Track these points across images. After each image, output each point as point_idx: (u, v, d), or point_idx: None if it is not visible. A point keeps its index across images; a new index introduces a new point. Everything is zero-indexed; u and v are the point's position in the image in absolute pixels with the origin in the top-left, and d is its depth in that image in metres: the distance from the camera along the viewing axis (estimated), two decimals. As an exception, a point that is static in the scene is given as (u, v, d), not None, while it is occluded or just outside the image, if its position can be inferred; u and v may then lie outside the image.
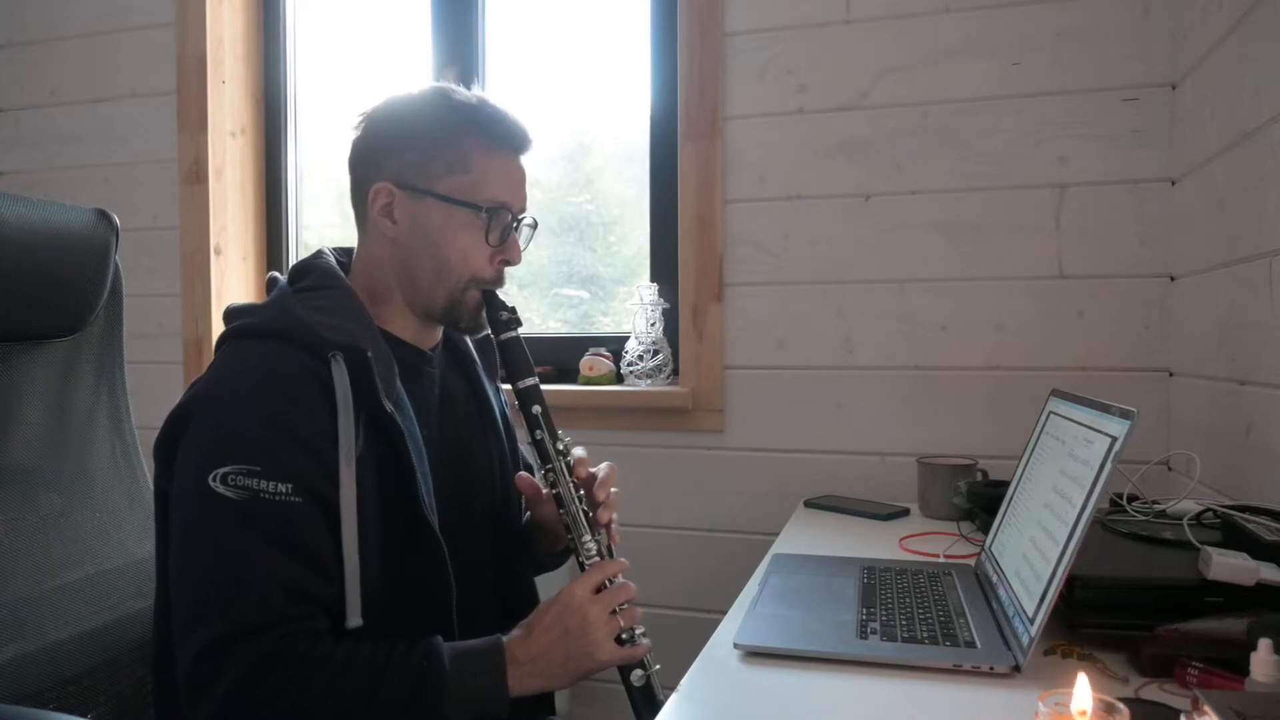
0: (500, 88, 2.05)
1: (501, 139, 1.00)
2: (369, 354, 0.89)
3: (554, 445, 0.99)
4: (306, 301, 0.94)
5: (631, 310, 1.83)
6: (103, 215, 1.03)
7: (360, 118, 1.02)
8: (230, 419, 0.86)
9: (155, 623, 0.93)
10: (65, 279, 0.98)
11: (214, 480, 0.82)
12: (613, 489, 1.03)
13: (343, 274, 1.00)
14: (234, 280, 2.12)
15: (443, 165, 0.97)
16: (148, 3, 2.12)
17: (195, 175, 2.07)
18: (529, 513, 1.15)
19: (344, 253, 1.06)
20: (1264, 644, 0.69)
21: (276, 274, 1.01)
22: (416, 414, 0.96)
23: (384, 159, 0.99)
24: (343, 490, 0.85)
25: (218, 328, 2.15)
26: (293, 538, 0.84)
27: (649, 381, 1.81)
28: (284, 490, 0.83)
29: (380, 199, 0.98)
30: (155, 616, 0.93)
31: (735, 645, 0.90)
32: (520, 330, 1.02)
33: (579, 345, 1.92)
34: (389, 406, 0.90)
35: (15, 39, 2.22)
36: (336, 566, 0.86)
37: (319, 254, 1.03)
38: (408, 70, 2.12)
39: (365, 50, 2.20)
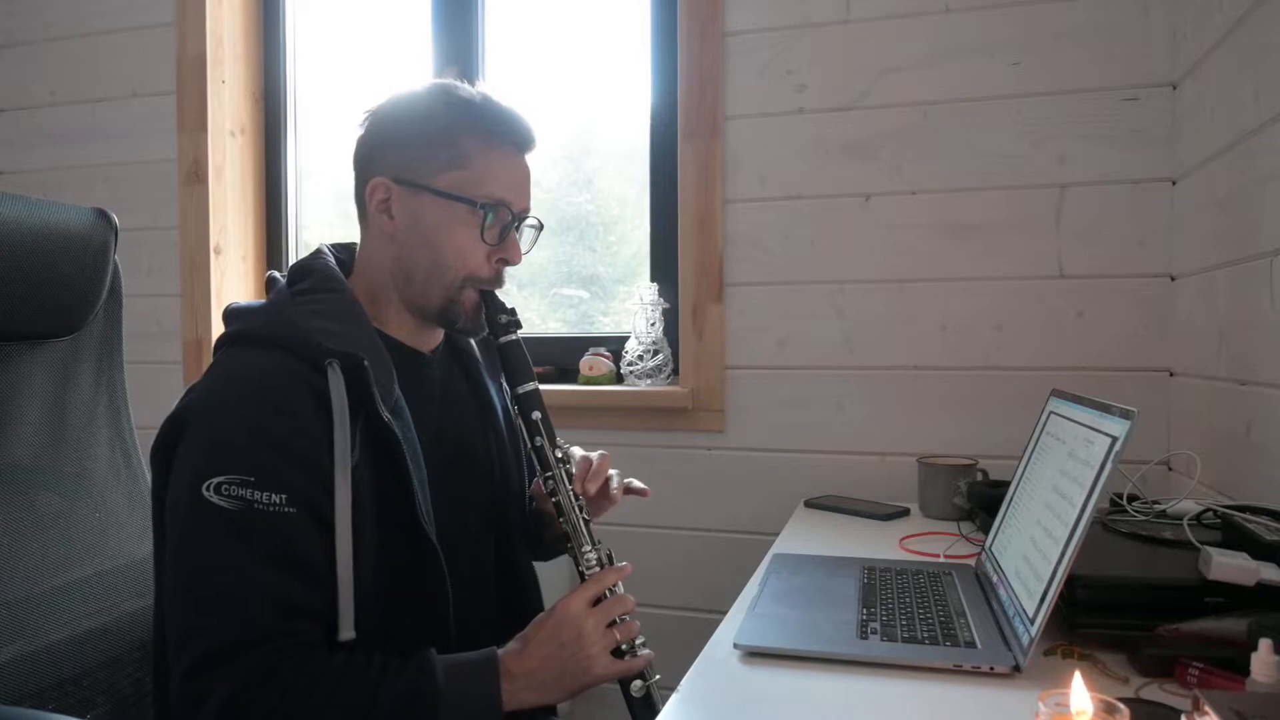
0: (500, 88, 2.05)
1: (502, 135, 0.98)
2: (365, 362, 0.87)
3: (553, 452, 0.98)
4: (304, 305, 0.92)
5: (631, 310, 1.83)
6: (102, 215, 1.02)
7: (364, 115, 1.01)
8: (225, 429, 0.85)
9: (154, 626, 0.92)
10: (64, 279, 0.98)
11: (208, 490, 0.81)
12: (612, 471, 1.03)
13: (342, 275, 0.98)
14: (234, 280, 2.12)
15: (441, 161, 0.96)
16: (148, 3, 2.11)
17: (195, 175, 2.07)
18: (534, 502, 1.15)
19: (344, 249, 1.05)
20: (1264, 644, 0.69)
21: (275, 274, 1.00)
22: (415, 418, 0.95)
23: (383, 154, 0.98)
24: (338, 501, 0.84)
25: (217, 328, 2.15)
26: (286, 550, 0.83)
27: (649, 381, 1.81)
28: (278, 501, 0.82)
29: (378, 194, 0.97)
30: (154, 620, 0.92)
31: (735, 645, 0.89)
32: (520, 333, 1.00)
33: (579, 345, 1.92)
34: (386, 415, 0.89)
35: (15, 39, 2.22)
36: (331, 578, 0.84)
37: (318, 253, 1.01)
38: (408, 70, 2.12)
39: (365, 50, 2.20)
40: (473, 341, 1.12)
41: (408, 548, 0.90)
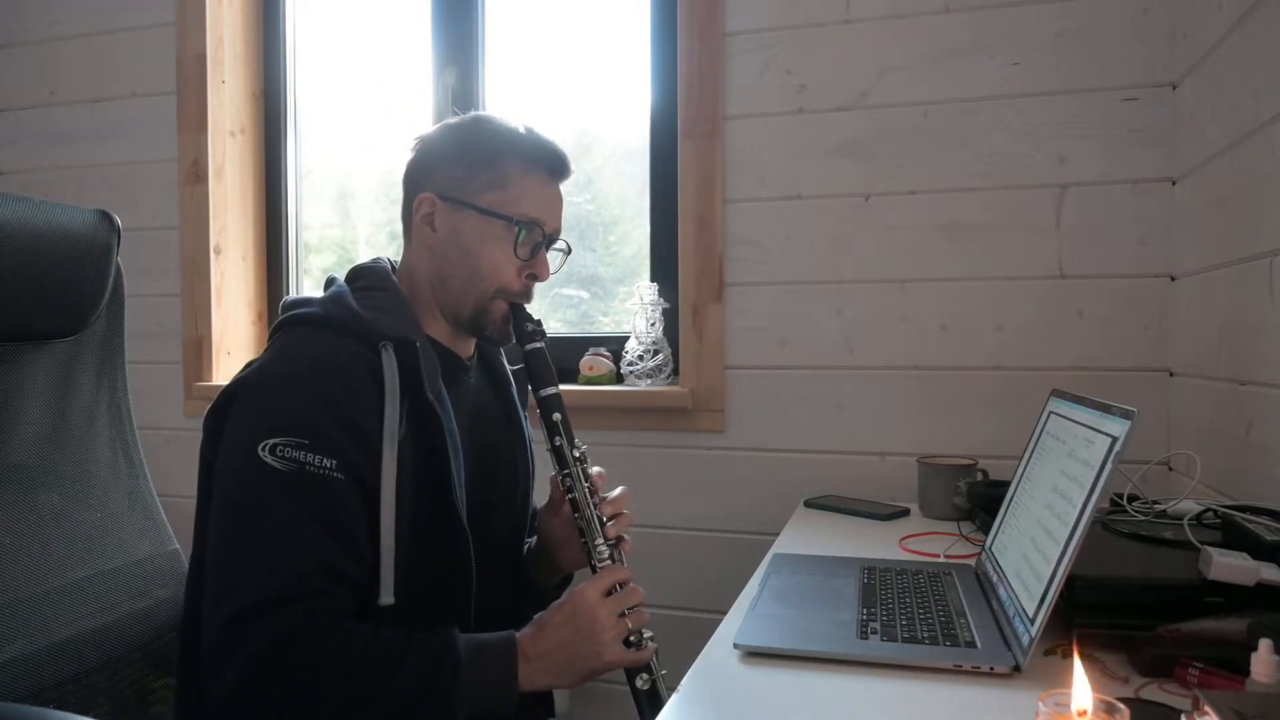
0: (500, 88, 2.05)
1: (539, 162, 1.06)
2: (417, 345, 0.95)
3: (571, 451, 1.04)
4: (363, 299, 1.00)
5: (631, 310, 1.83)
6: (104, 216, 1.03)
7: (414, 140, 1.09)
8: (284, 395, 0.91)
9: (187, 594, 0.97)
10: (67, 280, 0.98)
11: (264, 450, 0.87)
12: (624, 510, 1.09)
13: (395, 279, 1.06)
14: (234, 280, 2.12)
15: (482, 181, 1.04)
16: (148, 3, 2.11)
17: (195, 175, 2.07)
18: (531, 541, 1.21)
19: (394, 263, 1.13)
20: (1264, 644, 0.69)
21: (335, 275, 1.07)
22: (454, 415, 1.00)
23: (430, 173, 1.06)
24: (384, 469, 0.90)
25: (218, 328, 2.16)
26: (331, 514, 0.88)
27: (649, 381, 1.81)
28: (329, 465, 0.88)
29: (423, 208, 1.05)
30: (188, 588, 0.97)
31: (735, 645, 0.89)
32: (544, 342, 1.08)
33: (579, 345, 1.92)
34: (430, 395, 0.95)
35: (15, 39, 2.22)
36: (368, 548, 0.90)
37: (376, 260, 1.09)
38: (408, 70, 2.12)
39: (365, 50, 2.20)
40: (509, 369, 1.19)
41: (439, 527, 0.96)
